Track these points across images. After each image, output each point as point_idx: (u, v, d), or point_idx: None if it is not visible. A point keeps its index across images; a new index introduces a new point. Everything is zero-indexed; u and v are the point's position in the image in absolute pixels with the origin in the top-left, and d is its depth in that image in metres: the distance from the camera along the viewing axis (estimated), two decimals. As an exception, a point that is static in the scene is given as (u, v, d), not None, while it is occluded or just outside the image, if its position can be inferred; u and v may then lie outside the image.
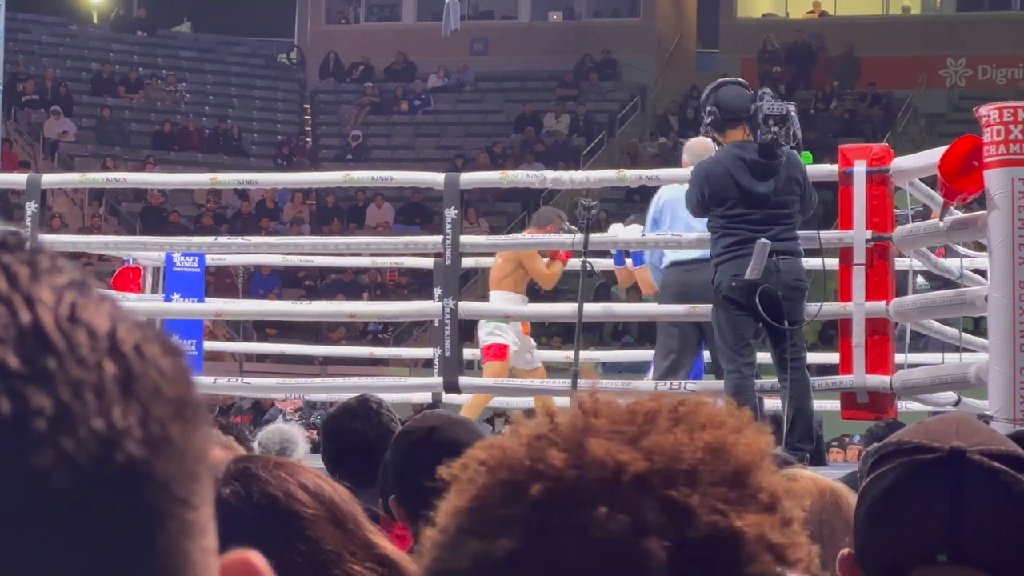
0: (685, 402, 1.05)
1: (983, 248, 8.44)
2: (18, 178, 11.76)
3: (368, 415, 4.74)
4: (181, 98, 30.53)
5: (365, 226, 25.74)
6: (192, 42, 33.53)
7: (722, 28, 31.89)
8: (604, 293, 19.61)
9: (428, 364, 11.34)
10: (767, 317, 7.38)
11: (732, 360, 7.55)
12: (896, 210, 8.45)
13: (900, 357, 8.36)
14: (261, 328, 21.53)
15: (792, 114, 7.65)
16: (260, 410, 16.66)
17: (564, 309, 9.59)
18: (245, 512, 2.19)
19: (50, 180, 10.89)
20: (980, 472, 1.71)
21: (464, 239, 8.94)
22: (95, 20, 34.42)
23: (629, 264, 9.50)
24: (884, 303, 8.05)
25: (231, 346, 17.25)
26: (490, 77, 30.88)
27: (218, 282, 19.46)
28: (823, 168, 8.74)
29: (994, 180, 7.12)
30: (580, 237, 8.46)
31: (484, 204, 26.23)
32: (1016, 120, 7.09)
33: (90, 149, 27.83)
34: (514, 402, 10.14)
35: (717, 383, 8.00)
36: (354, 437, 4.66)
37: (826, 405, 8.74)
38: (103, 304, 0.69)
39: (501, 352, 9.88)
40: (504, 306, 9.58)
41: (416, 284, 21.88)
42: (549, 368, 10.45)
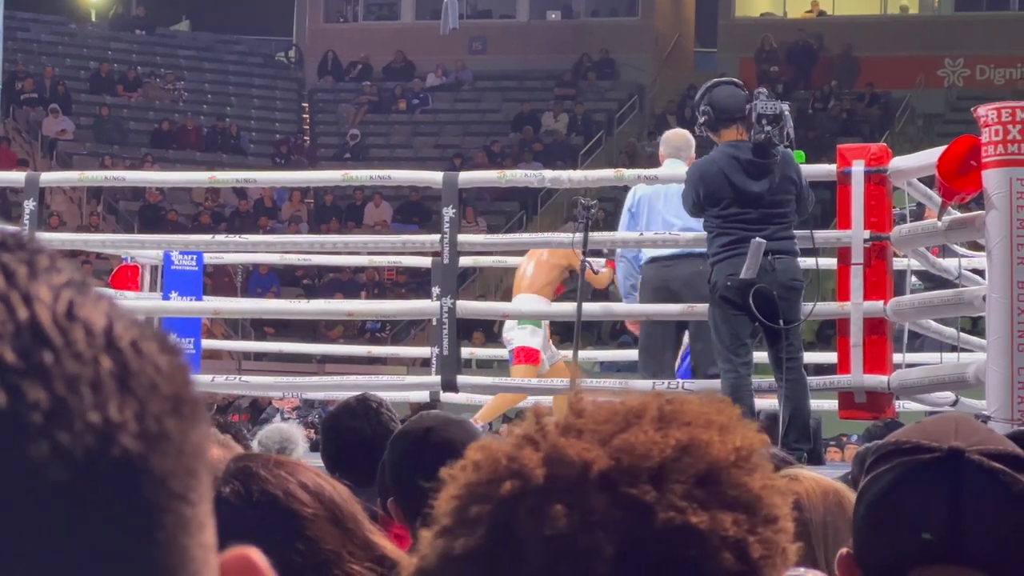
0: (672, 401, 1.06)
1: (977, 247, 8.44)
2: (16, 176, 11.76)
3: (368, 414, 4.74)
4: (179, 97, 30.52)
5: (363, 225, 25.73)
6: (190, 41, 33.51)
7: (720, 27, 31.90)
8: (603, 292, 19.59)
9: (426, 363, 11.33)
10: (760, 316, 7.37)
11: (728, 360, 7.54)
12: (895, 209, 8.45)
13: (898, 357, 8.36)
14: (259, 326, 21.53)
15: (786, 113, 7.64)
16: (258, 408, 16.66)
17: (563, 308, 9.57)
18: (245, 511, 2.19)
19: (48, 178, 10.87)
20: (979, 472, 1.70)
21: (462, 238, 8.93)
22: (94, 19, 34.41)
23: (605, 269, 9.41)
24: (882, 303, 8.04)
25: (229, 344, 17.23)
26: (488, 76, 30.88)
27: (216, 280, 19.45)
28: (821, 168, 8.73)
29: (992, 180, 7.12)
30: (580, 236, 8.45)
31: (482, 203, 26.23)
32: (1014, 120, 7.08)
33: (88, 147, 27.82)
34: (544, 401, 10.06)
35: (715, 383, 7.99)
36: (354, 436, 4.67)
37: (824, 405, 8.74)
38: (100, 302, 0.69)
39: (533, 356, 9.82)
40: (505, 307, 9.55)
41: (414, 283, 21.88)
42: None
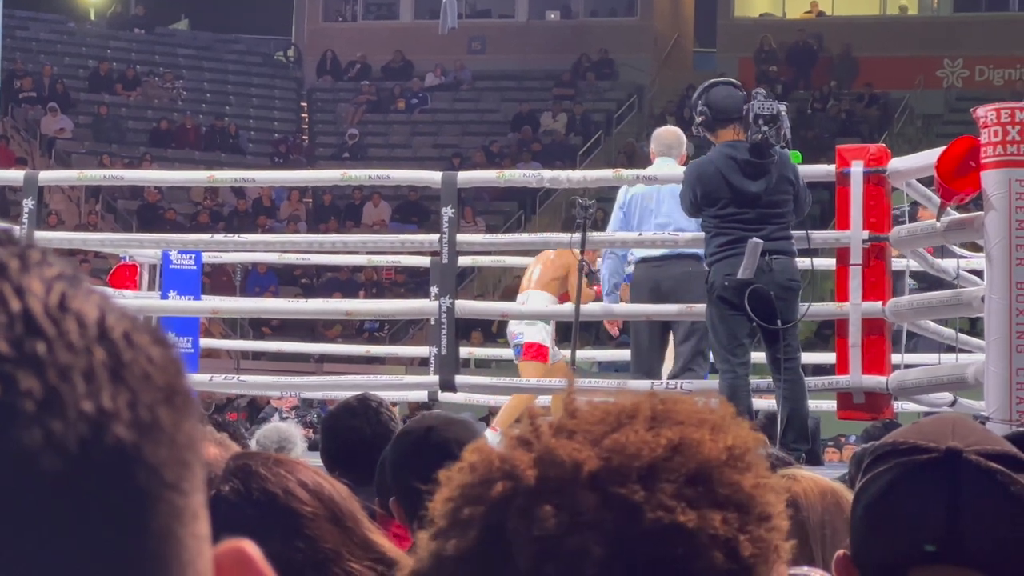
0: (666, 401, 1.06)
1: (976, 248, 8.44)
2: (15, 175, 11.75)
3: (367, 414, 4.75)
4: (178, 96, 30.51)
5: (362, 224, 25.73)
6: (189, 40, 33.51)
7: (719, 28, 31.91)
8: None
9: (424, 362, 11.33)
10: (755, 317, 7.37)
11: (726, 360, 7.54)
12: (894, 208, 8.44)
13: (896, 358, 8.36)
14: (257, 326, 21.53)
15: (783, 114, 7.64)
16: (256, 408, 16.66)
17: (562, 308, 9.57)
18: (244, 509, 2.19)
19: (47, 177, 10.87)
20: (976, 472, 1.70)
21: (460, 238, 8.94)
22: (92, 17, 34.41)
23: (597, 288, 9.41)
24: (880, 303, 8.04)
25: (227, 344, 17.21)
26: (487, 76, 30.88)
27: (214, 280, 19.46)
28: (820, 168, 8.73)
29: (991, 181, 7.12)
30: (578, 236, 8.45)
31: (481, 203, 26.23)
32: (1013, 121, 7.08)
33: (87, 146, 27.82)
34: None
35: (713, 383, 7.99)
36: (353, 435, 4.68)
37: (822, 405, 8.74)
38: (92, 295, 0.70)
39: (543, 353, 9.82)
40: (504, 307, 9.55)
41: (412, 282, 21.88)
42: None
